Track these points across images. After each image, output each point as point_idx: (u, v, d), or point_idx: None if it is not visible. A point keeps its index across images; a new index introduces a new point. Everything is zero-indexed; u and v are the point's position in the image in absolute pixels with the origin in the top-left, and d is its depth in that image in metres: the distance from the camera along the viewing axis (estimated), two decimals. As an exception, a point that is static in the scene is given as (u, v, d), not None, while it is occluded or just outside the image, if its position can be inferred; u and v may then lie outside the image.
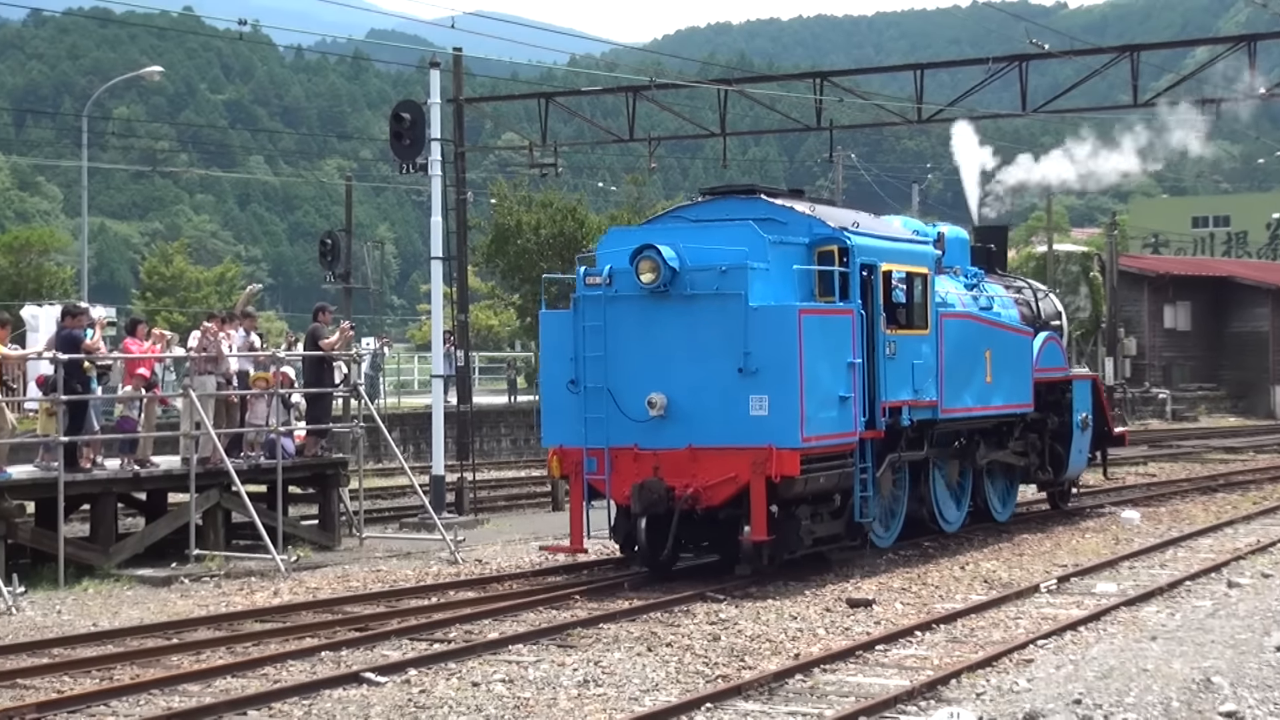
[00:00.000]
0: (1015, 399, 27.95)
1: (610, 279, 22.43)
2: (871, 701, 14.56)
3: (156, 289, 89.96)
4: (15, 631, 19.45)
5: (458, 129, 37.87)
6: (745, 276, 21.64)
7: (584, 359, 22.49)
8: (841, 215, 24.44)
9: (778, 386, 21.51)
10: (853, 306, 22.81)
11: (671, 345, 22.10)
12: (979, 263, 29.32)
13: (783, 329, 21.62)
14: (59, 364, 23.96)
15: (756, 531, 21.41)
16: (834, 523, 22.96)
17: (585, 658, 17.06)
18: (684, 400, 21.99)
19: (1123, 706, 14.09)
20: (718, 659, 17.09)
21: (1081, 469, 32.03)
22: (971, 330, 26.59)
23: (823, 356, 21.98)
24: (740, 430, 21.57)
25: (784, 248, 22.54)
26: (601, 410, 22.31)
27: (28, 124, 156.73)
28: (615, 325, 22.38)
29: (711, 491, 21.65)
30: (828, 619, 19.66)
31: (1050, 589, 21.78)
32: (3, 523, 23.10)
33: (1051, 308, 31.66)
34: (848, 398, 22.43)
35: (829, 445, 22.23)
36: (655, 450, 21.98)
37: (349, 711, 14.66)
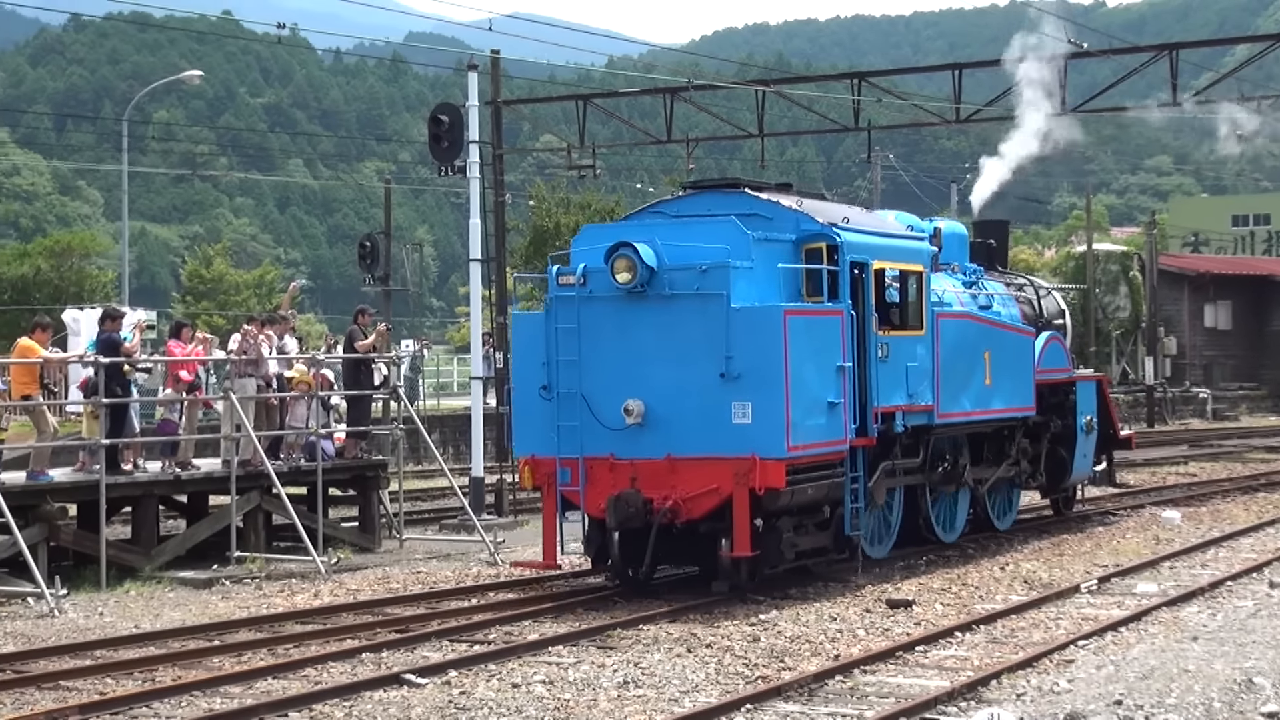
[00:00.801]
0: (1016, 402, 26.60)
1: (584, 279, 21.14)
2: (912, 702, 14.53)
3: (197, 292, 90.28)
4: (58, 633, 19.53)
5: (496, 131, 37.91)
6: (727, 276, 20.42)
7: (557, 363, 21.20)
8: (830, 210, 23.17)
9: (762, 392, 20.25)
10: (842, 306, 21.53)
11: (649, 349, 20.82)
12: (979, 259, 28.28)
13: (767, 331, 20.34)
14: (99, 367, 24.12)
15: (739, 547, 20.20)
16: (820, 535, 21.84)
17: (625, 659, 17.07)
18: (663, 407, 20.70)
19: (1164, 707, 14.05)
20: (757, 660, 17.08)
21: (1086, 474, 30.51)
22: (969, 330, 25.33)
23: (810, 360, 20.73)
24: (722, 439, 20.29)
25: (769, 245, 21.33)
26: (575, 418, 21.01)
27: (68, 128, 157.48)
28: (590, 328, 21.09)
29: (692, 504, 20.40)
30: (867, 620, 19.63)
31: (1091, 589, 21.71)
32: (45, 525, 23.21)
33: (1054, 306, 30.48)
34: (837, 403, 21.16)
35: (817, 454, 20.99)
36: (632, 460, 20.69)
37: (390, 713, 14.69)
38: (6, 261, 73.39)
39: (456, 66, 42.18)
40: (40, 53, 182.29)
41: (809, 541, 21.54)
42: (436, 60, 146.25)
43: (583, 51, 75.09)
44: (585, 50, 74.45)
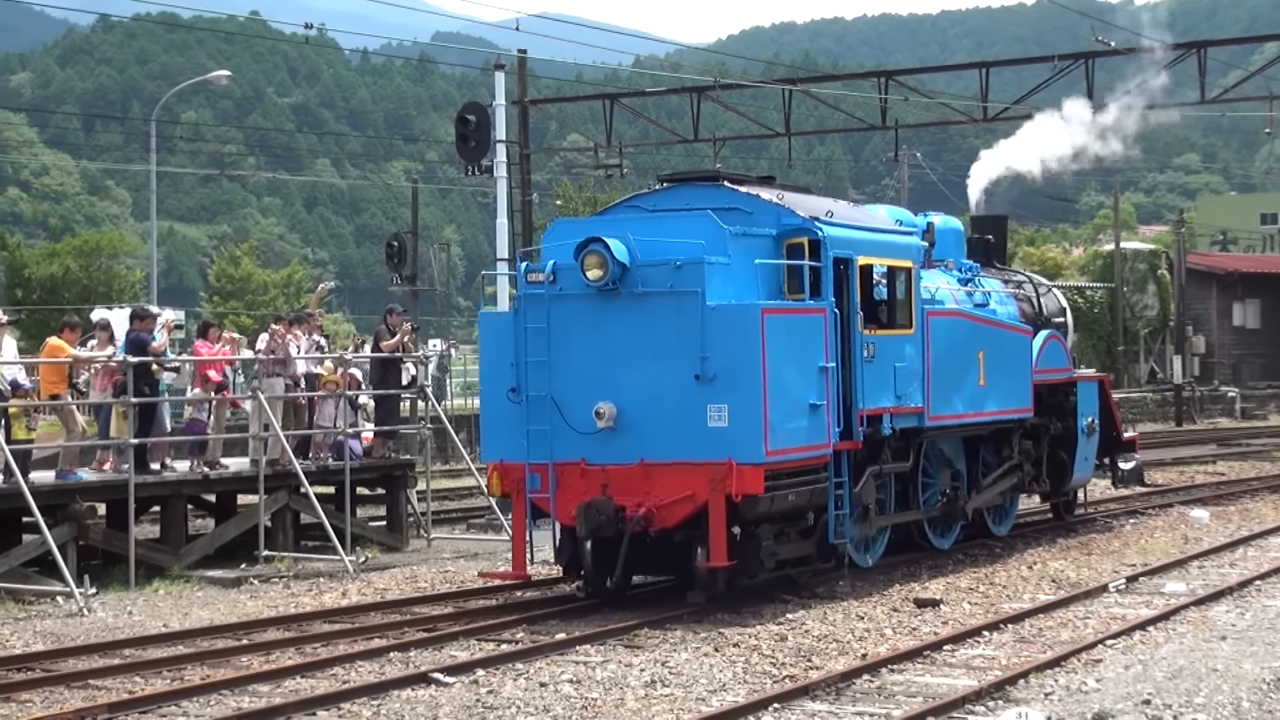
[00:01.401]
0: (1012, 403, 25.28)
1: (554, 276, 19.99)
2: (939, 702, 14.51)
3: (225, 292, 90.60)
4: (87, 632, 19.60)
5: (523, 131, 38.04)
6: (702, 272, 19.23)
7: (526, 365, 20.01)
8: (814, 204, 21.89)
9: (738, 395, 19.08)
10: (825, 304, 20.35)
11: (622, 349, 19.66)
12: (976, 255, 27.28)
13: (744, 331, 19.17)
14: (128, 367, 24.23)
15: (716, 556, 19.03)
16: (804, 543, 20.70)
17: (652, 658, 17.07)
18: (636, 410, 19.54)
19: (1192, 707, 14.02)
20: (785, 659, 17.06)
21: (1087, 477, 29.20)
22: (962, 329, 24.10)
23: (790, 360, 19.59)
24: (697, 443, 19.13)
25: (748, 240, 20.16)
26: (545, 421, 19.87)
27: (97, 128, 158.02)
28: (560, 327, 19.93)
29: (666, 512, 19.25)
30: (895, 619, 19.60)
31: (1119, 589, 21.66)
32: (74, 524, 23.29)
33: (1055, 304, 29.27)
34: (819, 406, 20.00)
35: (798, 459, 19.81)
36: (604, 466, 19.56)
37: (417, 712, 14.72)
38: (36, 261, 73.70)
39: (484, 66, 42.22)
40: (69, 53, 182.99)
41: (791, 550, 20.45)
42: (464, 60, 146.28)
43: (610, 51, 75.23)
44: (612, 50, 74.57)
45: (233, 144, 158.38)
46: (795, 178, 62.98)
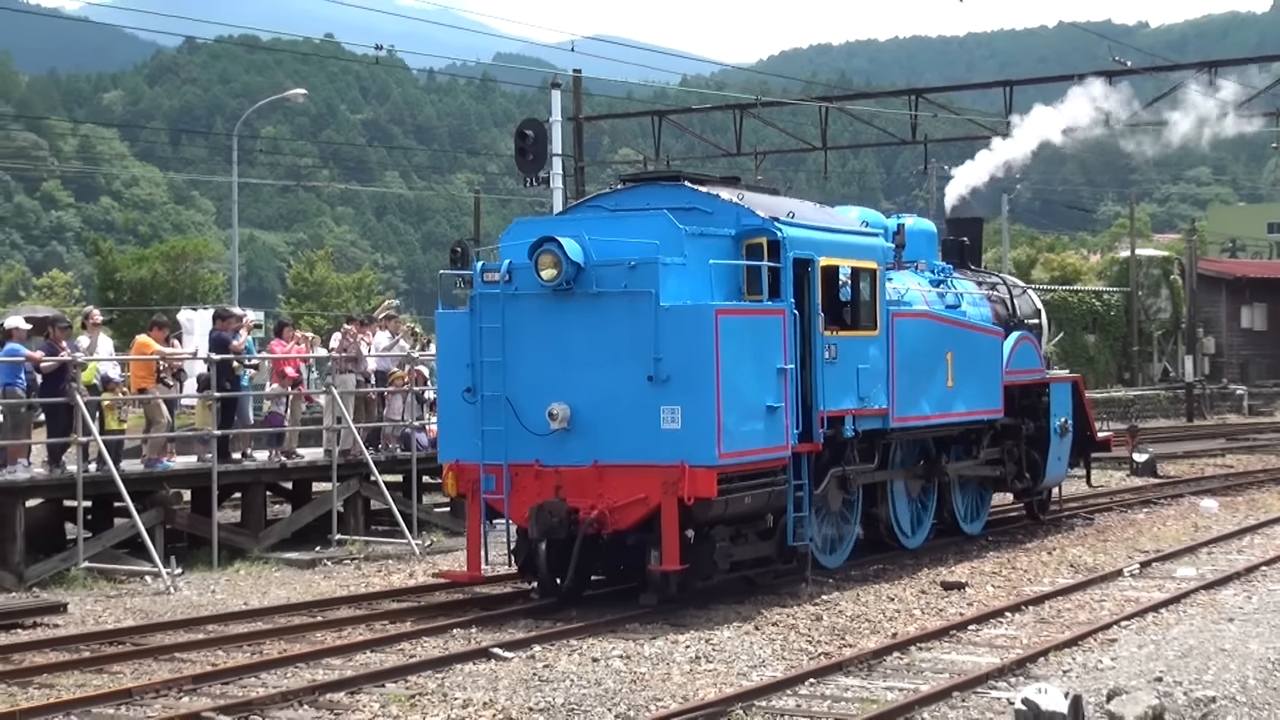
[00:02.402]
0: (982, 404, 23.76)
1: (510, 275, 18.63)
2: (964, 678, 14.50)
3: (301, 294, 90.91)
4: (174, 609, 19.71)
5: (577, 145, 38.07)
6: (656, 272, 17.80)
7: (481, 365, 18.69)
8: (776, 204, 20.34)
9: (691, 396, 17.66)
10: (784, 305, 18.88)
11: (576, 349, 18.29)
12: (951, 257, 26.03)
13: (697, 331, 17.71)
14: (211, 364, 24.43)
15: (668, 560, 17.62)
16: (763, 544, 19.21)
17: (696, 635, 17.08)
18: (590, 411, 18.19)
19: (1201, 684, 13.96)
20: (820, 637, 17.07)
21: (1061, 477, 27.55)
22: (930, 330, 22.54)
23: (746, 362, 18.14)
24: (650, 445, 17.73)
25: (705, 240, 18.76)
26: (500, 422, 18.53)
27: (183, 143, 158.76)
28: (515, 327, 18.59)
29: (619, 514, 17.87)
30: (923, 600, 19.58)
31: (1133, 573, 21.59)
32: (162, 510, 23.44)
33: (1029, 306, 27.73)
34: (777, 408, 18.49)
35: (754, 461, 18.34)
36: (557, 468, 18.25)
37: (478, 684, 14.76)
38: (127, 265, 74.08)
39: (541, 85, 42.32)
40: (157, 73, 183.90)
41: (749, 551, 18.99)
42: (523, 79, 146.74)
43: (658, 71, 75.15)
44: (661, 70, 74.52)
45: (308, 157, 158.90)
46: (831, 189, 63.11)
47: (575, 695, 14.27)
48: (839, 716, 13.06)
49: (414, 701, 14.06)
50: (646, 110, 50.06)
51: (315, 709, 13.83)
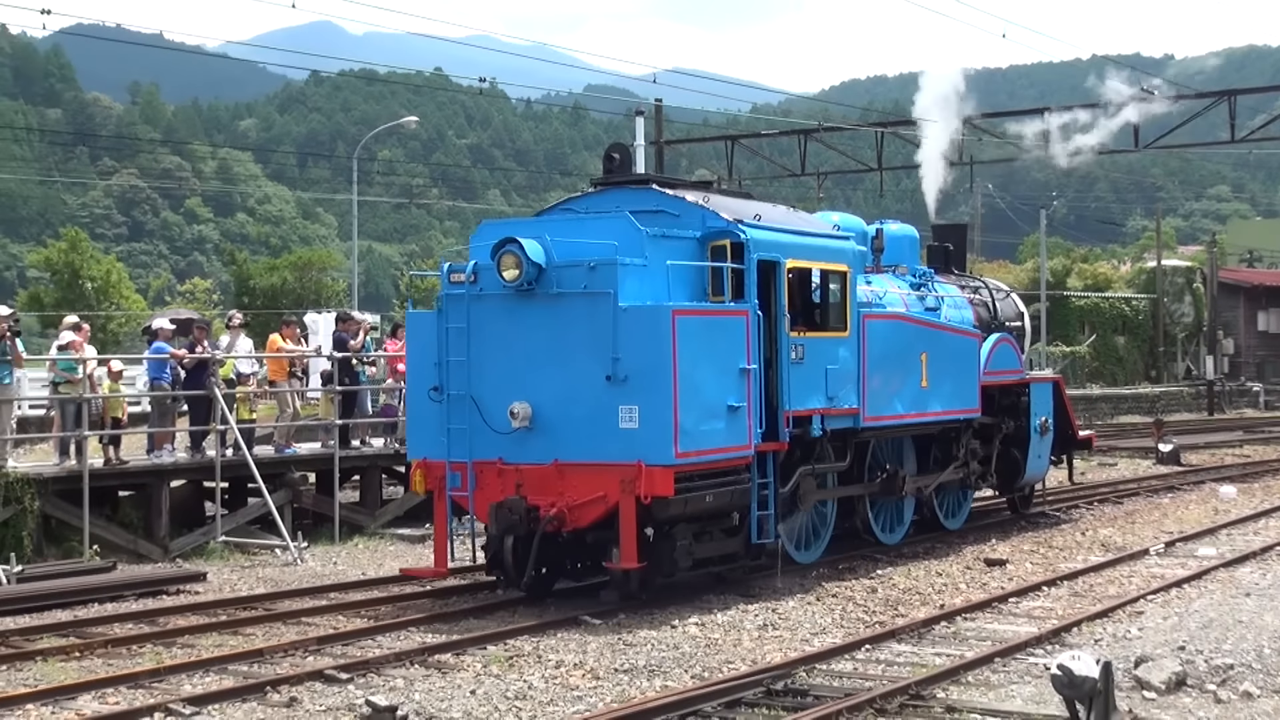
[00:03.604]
0: (958, 404, 22.12)
1: (475, 276, 17.26)
2: (1005, 645, 14.43)
3: (414, 300, 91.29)
4: (300, 579, 19.87)
5: (659, 167, 38.12)
6: (615, 273, 16.43)
7: (447, 364, 17.30)
8: (742, 207, 18.76)
9: (649, 396, 16.20)
10: (747, 307, 17.39)
11: (538, 349, 16.90)
12: (936, 262, 24.57)
13: (654, 332, 16.26)
14: (334, 361, 24.67)
15: (626, 558, 16.19)
16: (730, 541, 17.70)
17: (764, 606, 17.07)
18: (551, 410, 16.77)
19: (1220, 653, 13.84)
20: (875, 608, 17.03)
21: (1041, 474, 25.54)
22: (903, 332, 20.90)
23: (706, 362, 16.66)
24: (609, 444, 16.32)
25: (668, 242, 17.27)
26: (465, 420, 17.15)
27: (309, 165, 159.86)
28: (479, 327, 17.21)
29: (578, 512, 16.48)
30: (968, 575, 19.49)
31: (1159, 552, 21.41)
32: (290, 490, 23.64)
33: (1012, 309, 25.87)
34: (739, 407, 17.02)
35: (714, 460, 16.85)
36: (519, 466, 16.85)
37: (569, 647, 14.80)
38: (259, 273, 74.63)
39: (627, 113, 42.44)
40: (286, 103, 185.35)
41: (714, 549, 17.50)
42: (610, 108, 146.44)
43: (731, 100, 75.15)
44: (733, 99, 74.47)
45: (420, 177, 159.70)
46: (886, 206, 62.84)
47: (655, 658, 14.30)
48: (892, 679, 13.02)
49: (512, 662, 14.13)
50: (720, 135, 50.11)
51: (425, 668, 13.92)
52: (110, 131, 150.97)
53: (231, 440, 22.93)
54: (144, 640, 15.52)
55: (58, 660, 14.62)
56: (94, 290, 70.54)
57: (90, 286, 70.70)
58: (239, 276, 75.32)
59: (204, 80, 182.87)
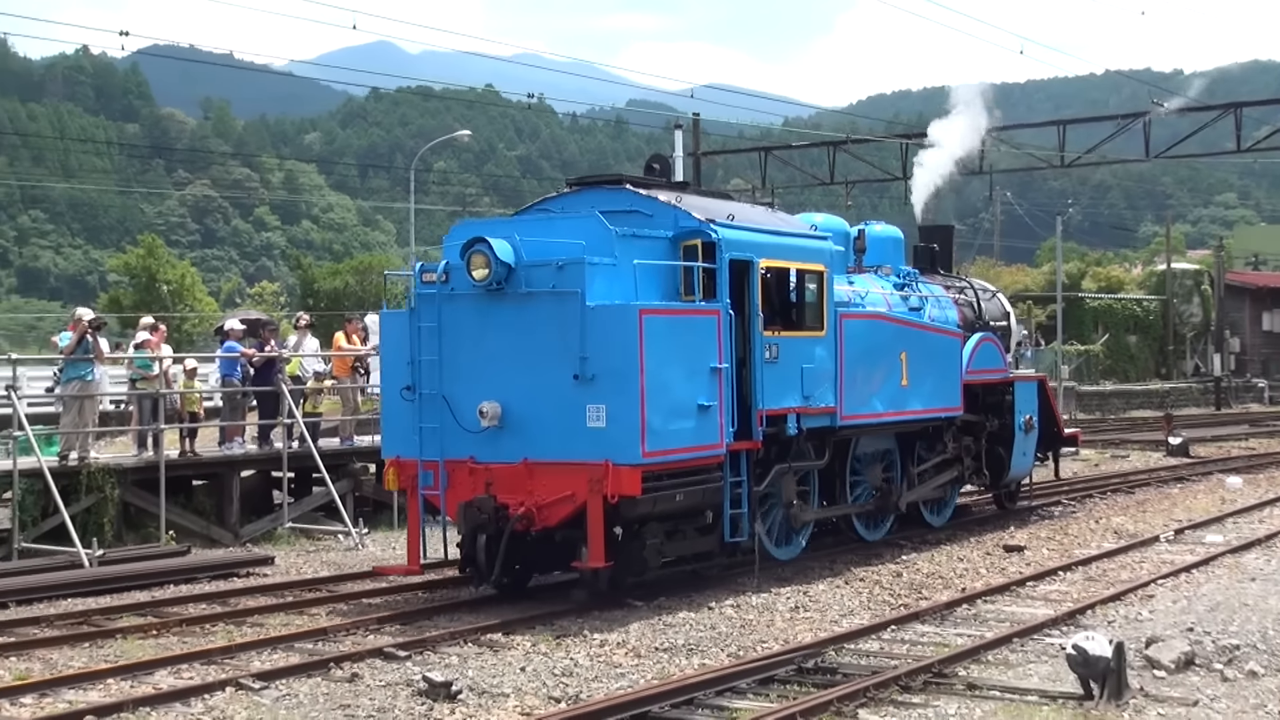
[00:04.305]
0: (940, 402, 20.94)
1: (446, 275, 16.25)
2: (1023, 626, 14.37)
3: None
4: (361, 562, 19.91)
5: (696, 176, 38.07)
6: (582, 272, 15.41)
7: (419, 363, 16.30)
8: (715, 207, 17.66)
9: (616, 395, 15.17)
10: (719, 306, 16.29)
11: (508, 348, 15.89)
12: (922, 263, 23.45)
13: (621, 331, 15.22)
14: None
15: (594, 557, 15.21)
16: (704, 539, 16.64)
17: (795, 589, 17.05)
18: (521, 409, 15.75)
19: (1227, 633, 13.77)
20: (900, 591, 16.99)
21: (1025, 471, 24.34)
22: (881, 331, 19.69)
23: (675, 361, 15.59)
24: (577, 444, 15.30)
25: (639, 242, 16.20)
26: (436, 419, 16.15)
27: (369, 175, 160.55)
28: (451, 326, 16.22)
29: (547, 511, 15.49)
30: (988, 560, 19.42)
31: (1168, 539, 21.28)
32: (352, 480, 23.71)
33: (998, 309, 24.70)
34: (709, 406, 15.92)
35: (684, 459, 15.80)
36: (488, 465, 15.84)
37: (613, 628, 14.81)
38: (323, 277, 75.02)
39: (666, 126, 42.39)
40: (348, 117, 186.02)
41: (687, 547, 16.48)
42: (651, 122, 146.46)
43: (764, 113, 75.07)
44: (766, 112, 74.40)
45: (472, 187, 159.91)
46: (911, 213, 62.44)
47: (694, 637, 14.30)
48: (916, 658, 12.99)
49: (559, 641, 14.15)
50: (754, 147, 50.03)
51: (477, 646, 13.96)
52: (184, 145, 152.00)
53: (297, 433, 23.02)
54: (216, 620, 15.60)
55: (136, 638, 14.72)
56: (169, 293, 71.02)
57: (166, 289, 71.20)
58: (304, 280, 75.71)
59: (272, 97, 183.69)
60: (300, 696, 12.04)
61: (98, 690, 12.37)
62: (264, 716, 11.40)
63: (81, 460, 21.07)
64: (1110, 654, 11.38)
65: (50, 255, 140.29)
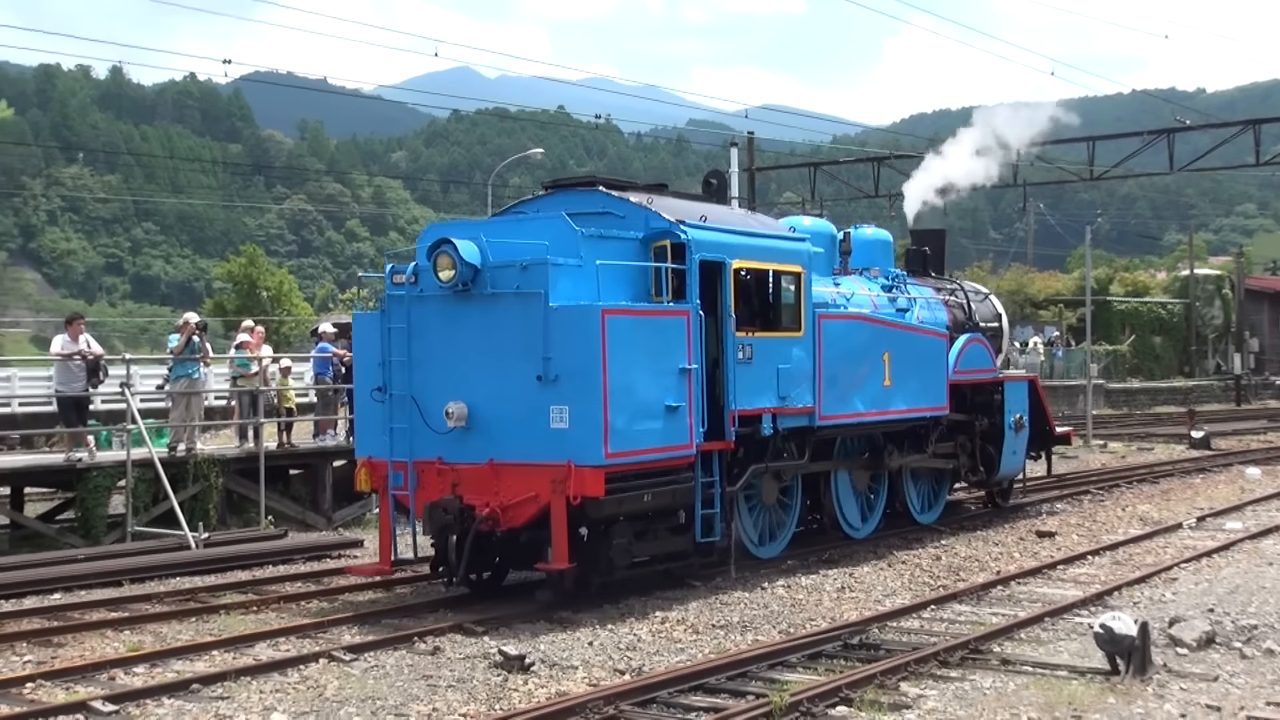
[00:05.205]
0: (925, 402, 19.63)
1: (416, 277, 15.21)
2: (1054, 606, 14.26)
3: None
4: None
5: (750, 190, 38.00)
6: (546, 273, 14.25)
7: (390, 364, 15.26)
8: (687, 208, 16.31)
9: (579, 396, 14.04)
10: (688, 307, 15.08)
11: (474, 349, 14.81)
12: (914, 265, 22.42)
13: (583, 332, 14.07)
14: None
15: (557, 558, 14.08)
16: (677, 539, 15.41)
17: (841, 571, 17.00)
18: (487, 410, 14.66)
19: (1246, 614, 13.63)
20: (939, 573, 16.90)
21: (1016, 469, 22.91)
22: (861, 331, 18.34)
23: (641, 362, 14.41)
24: (541, 445, 14.18)
25: (606, 242, 15.05)
26: (406, 420, 15.10)
27: (450, 190, 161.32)
28: (420, 327, 15.16)
29: (512, 511, 14.38)
30: (1021, 546, 19.28)
31: (1191, 526, 21.06)
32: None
33: (989, 310, 23.41)
34: (678, 407, 14.73)
35: (649, 460, 14.56)
36: (454, 465, 14.75)
37: (672, 606, 14.81)
38: (408, 284, 75.35)
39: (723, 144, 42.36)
40: (431, 137, 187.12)
41: (659, 547, 15.26)
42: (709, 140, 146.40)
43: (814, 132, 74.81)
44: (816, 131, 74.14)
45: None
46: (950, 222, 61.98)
47: (747, 615, 14.28)
48: (954, 635, 12.92)
49: (624, 619, 14.17)
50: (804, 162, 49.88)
51: (549, 623, 13.99)
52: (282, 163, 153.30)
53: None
54: (310, 597, 15.72)
55: (238, 613, 14.86)
56: (268, 298, 71.56)
57: (265, 295, 71.75)
58: (391, 288, 75.99)
59: (361, 118, 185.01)
60: (387, 667, 12.12)
61: (204, 661, 12.50)
62: (354, 685, 11.48)
63: (189, 451, 21.29)
64: (1135, 633, 11.29)
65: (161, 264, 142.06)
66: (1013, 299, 68.63)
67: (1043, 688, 11.06)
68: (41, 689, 11.45)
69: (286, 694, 11.20)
